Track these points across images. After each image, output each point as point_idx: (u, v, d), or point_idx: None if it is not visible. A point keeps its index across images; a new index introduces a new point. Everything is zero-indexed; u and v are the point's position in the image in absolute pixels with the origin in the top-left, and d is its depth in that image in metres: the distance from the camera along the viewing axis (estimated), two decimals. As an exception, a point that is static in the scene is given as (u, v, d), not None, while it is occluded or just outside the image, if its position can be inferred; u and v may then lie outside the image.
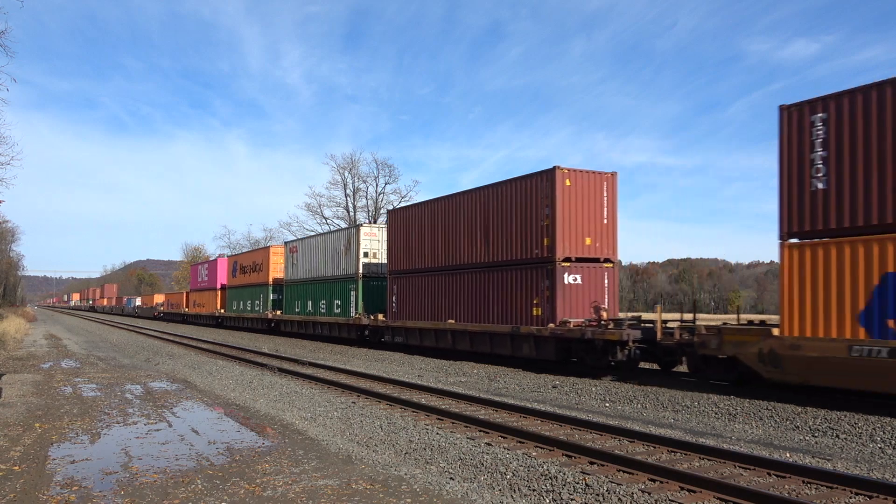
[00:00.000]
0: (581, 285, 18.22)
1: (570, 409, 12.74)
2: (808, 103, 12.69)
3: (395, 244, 25.67)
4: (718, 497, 6.85)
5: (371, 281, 28.40)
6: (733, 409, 12.11)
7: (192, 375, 17.75)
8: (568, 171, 18.23)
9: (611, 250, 18.81)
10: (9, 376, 16.60)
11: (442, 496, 6.73)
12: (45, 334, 39.38)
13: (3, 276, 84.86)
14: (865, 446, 9.59)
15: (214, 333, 40.02)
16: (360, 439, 9.73)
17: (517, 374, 17.88)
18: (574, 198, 18.22)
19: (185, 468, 7.69)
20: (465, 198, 21.66)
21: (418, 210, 24.57)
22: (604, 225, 18.71)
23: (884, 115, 11.66)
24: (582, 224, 18.37)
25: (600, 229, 18.66)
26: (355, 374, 17.90)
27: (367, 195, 65.04)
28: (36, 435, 9.56)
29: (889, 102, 11.60)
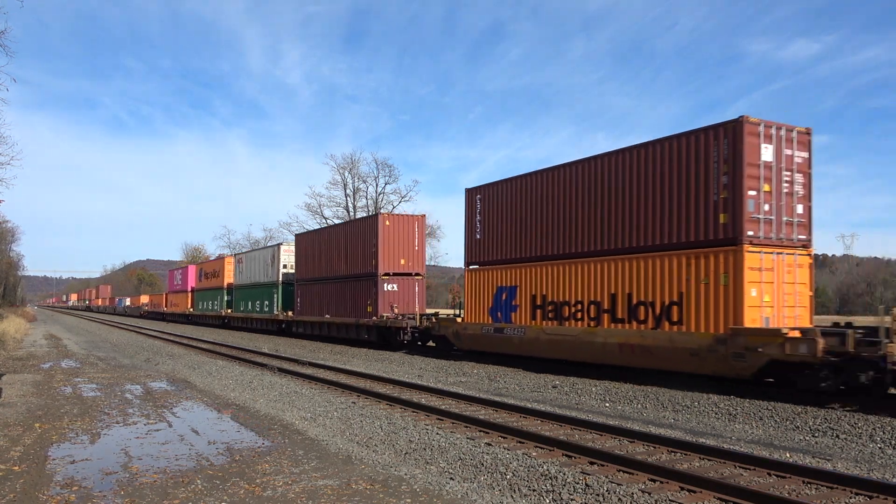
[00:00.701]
0: (397, 291, 27.59)
1: (570, 409, 12.73)
2: (475, 189, 22.03)
3: (299, 260, 35.01)
4: (718, 497, 6.85)
5: (288, 286, 36.50)
6: (733, 409, 12.11)
7: (191, 375, 17.75)
8: (388, 216, 28.52)
9: (420, 267, 28.48)
10: (9, 376, 16.60)
11: (442, 496, 6.73)
12: (45, 334, 39.38)
13: (3, 276, 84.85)
14: (865, 446, 9.59)
15: (214, 334, 40.06)
16: (360, 439, 9.72)
17: (517, 373, 17.88)
18: (393, 233, 27.72)
19: (184, 468, 7.69)
20: (334, 230, 32.57)
21: (312, 235, 35.02)
22: (415, 251, 28.32)
23: (501, 200, 20.79)
24: (398, 250, 27.77)
25: (412, 254, 28.24)
26: (355, 374, 17.90)
27: (367, 195, 65.20)
28: (36, 435, 9.56)
29: (503, 191, 20.69)
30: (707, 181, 14.45)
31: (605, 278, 16.82)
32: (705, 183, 14.49)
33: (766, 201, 14.09)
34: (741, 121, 13.89)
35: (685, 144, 15.04)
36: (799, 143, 14.62)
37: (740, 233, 13.72)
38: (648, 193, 15.83)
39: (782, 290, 14.23)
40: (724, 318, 13.82)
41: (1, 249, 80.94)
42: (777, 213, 14.21)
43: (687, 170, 14.94)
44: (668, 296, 15.17)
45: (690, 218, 14.83)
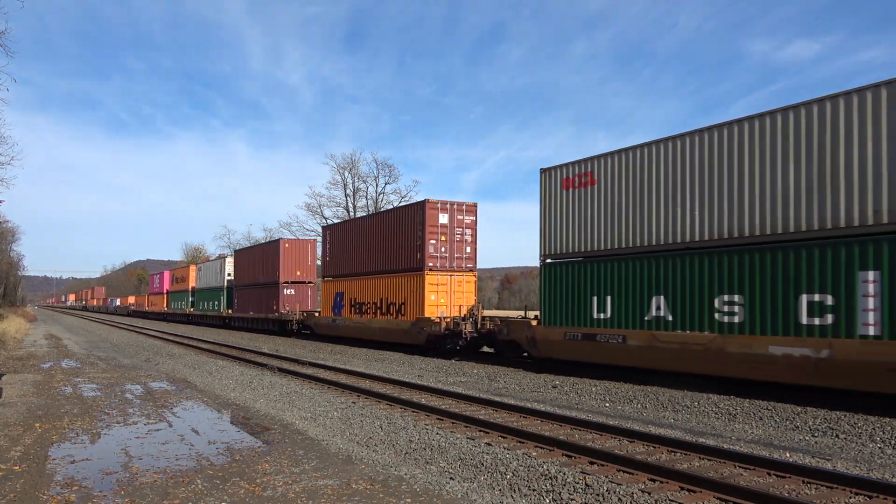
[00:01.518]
0: (294, 294, 37.66)
1: (570, 409, 12.74)
2: (326, 227, 32.37)
3: (236, 270, 45.22)
4: (718, 497, 6.86)
5: (230, 290, 46.47)
6: (733, 409, 12.12)
7: (192, 375, 17.75)
8: (287, 241, 38.29)
9: (312, 277, 38.42)
10: (9, 376, 16.60)
11: (442, 496, 6.73)
12: (46, 334, 39.38)
13: (4, 276, 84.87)
14: (865, 446, 9.59)
15: (214, 334, 40.12)
16: (360, 439, 9.73)
17: (517, 373, 17.88)
18: (291, 254, 37.89)
19: (185, 468, 7.70)
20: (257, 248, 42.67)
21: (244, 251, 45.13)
22: (308, 265, 38.32)
23: (337, 236, 31.76)
24: (295, 264, 37.95)
25: (305, 267, 38.34)
26: (355, 374, 17.91)
27: (367, 195, 65.26)
28: (36, 435, 9.56)
29: (338, 230, 31.60)
30: (413, 235, 25.03)
31: (378, 288, 27.25)
32: (412, 236, 25.01)
33: (443, 245, 24.58)
34: (425, 201, 24.52)
35: (399, 215, 26.53)
36: (467, 212, 25.20)
37: (423, 264, 24.30)
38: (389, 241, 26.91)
39: (455, 295, 24.80)
40: (418, 312, 24.21)
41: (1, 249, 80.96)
42: (450, 252, 24.76)
43: (399, 230, 26.10)
44: (399, 299, 25.54)
45: (407, 255, 25.41)
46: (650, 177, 15.84)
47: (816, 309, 12.24)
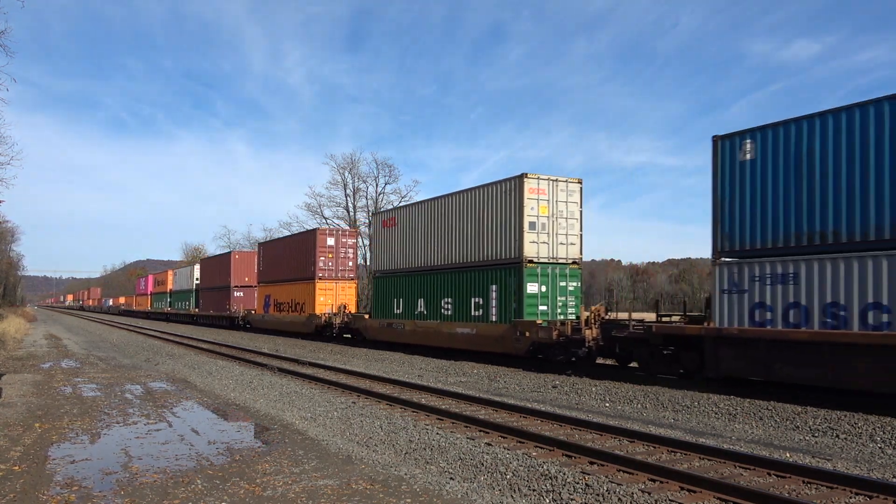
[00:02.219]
0: (242, 296, 45.03)
1: (570, 409, 12.74)
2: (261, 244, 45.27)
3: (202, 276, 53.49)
4: (718, 497, 6.85)
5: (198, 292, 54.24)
6: (733, 409, 12.12)
7: (191, 375, 17.75)
8: (238, 252, 46.91)
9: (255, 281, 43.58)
10: (9, 376, 16.60)
11: (442, 496, 6.73)
12: (45, 334, 39.37)
13: (3, 276, 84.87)
14: (865, 446, 9.59)
15: (214, 334, 40.11)
16: (360, 439, 9.72)
17: (517, 373, 17.89)
18: (241, 263, 45.63)
19: (185, 468, 7.69)
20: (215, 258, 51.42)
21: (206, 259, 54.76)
22: (254, 272, 43.80)
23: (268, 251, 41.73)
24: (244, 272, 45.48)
25: (252, 274, 44.51)
26: (355, 374, 17.90)
27: (367, 195, 65.24)
28: (36, 435, 9.56)
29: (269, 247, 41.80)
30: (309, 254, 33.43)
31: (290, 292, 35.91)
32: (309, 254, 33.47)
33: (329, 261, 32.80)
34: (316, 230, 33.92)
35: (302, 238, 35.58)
36: (350, 236, 34.37)
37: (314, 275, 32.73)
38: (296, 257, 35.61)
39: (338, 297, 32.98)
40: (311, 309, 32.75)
41: (1, 249, 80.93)
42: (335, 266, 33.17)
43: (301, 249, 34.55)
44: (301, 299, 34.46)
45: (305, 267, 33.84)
46: (415, 224, 24.90)
47: (476, 306, 21.28)
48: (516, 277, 19.51)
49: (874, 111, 12.24)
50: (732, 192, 14.31)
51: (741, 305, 13.85)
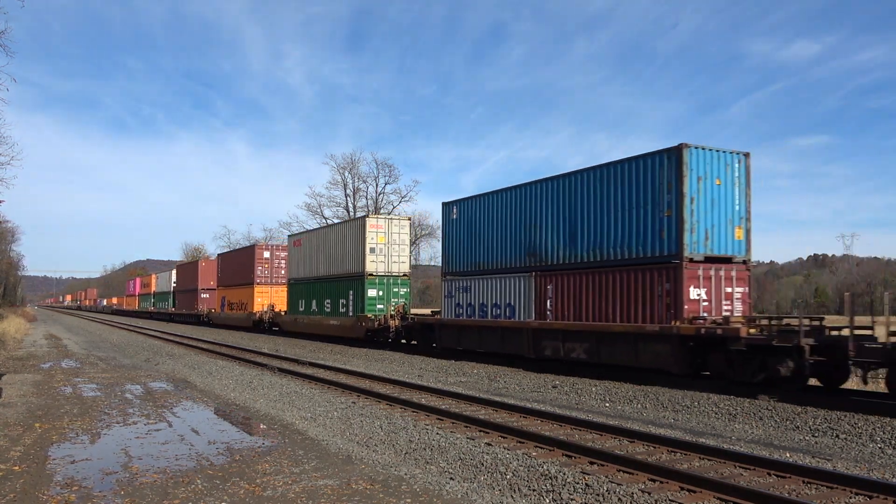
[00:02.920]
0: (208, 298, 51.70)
1: (570, 409, 12.74)
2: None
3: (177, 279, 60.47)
4: (718, 497, 6.85)
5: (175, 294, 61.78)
6: (733, 409, 12.12)
7: (191, 375, 17.75)
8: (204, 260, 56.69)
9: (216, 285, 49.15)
10: (9, 376, 16.60)
11: (442, 496, 6.73)
12: (45, 334, 39.38)
13: (3, 276, 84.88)
14: (865, 446, 9.59)
15: (214, 333, 40.12)
16: (360, 439, 9.73)
17: (517, 373, 17.89)
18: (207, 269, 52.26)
19: (185, 468, 7.70)
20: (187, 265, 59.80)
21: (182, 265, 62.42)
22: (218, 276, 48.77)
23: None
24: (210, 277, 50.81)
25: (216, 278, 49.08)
26: (355, 374, 17.91)
27: (367, 195, 65.44)
28: (36, 435, 9.56)
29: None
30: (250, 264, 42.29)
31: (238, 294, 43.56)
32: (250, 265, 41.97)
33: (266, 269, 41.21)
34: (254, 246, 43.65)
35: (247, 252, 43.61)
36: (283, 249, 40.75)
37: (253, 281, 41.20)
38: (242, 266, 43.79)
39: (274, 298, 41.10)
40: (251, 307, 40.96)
41: (1, 249, 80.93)
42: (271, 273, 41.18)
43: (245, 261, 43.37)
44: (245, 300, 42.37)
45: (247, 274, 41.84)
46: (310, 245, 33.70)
47: (342, 305, 29.43)
48: (361, 286, 28.02)
49: (503, 196, 20.71)
50: (448, 237, 23.43)
51: (450, 305, 23.03)
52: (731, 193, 15.67)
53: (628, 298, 15.90)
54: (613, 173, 16.67)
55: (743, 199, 15.84)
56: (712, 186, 15.34)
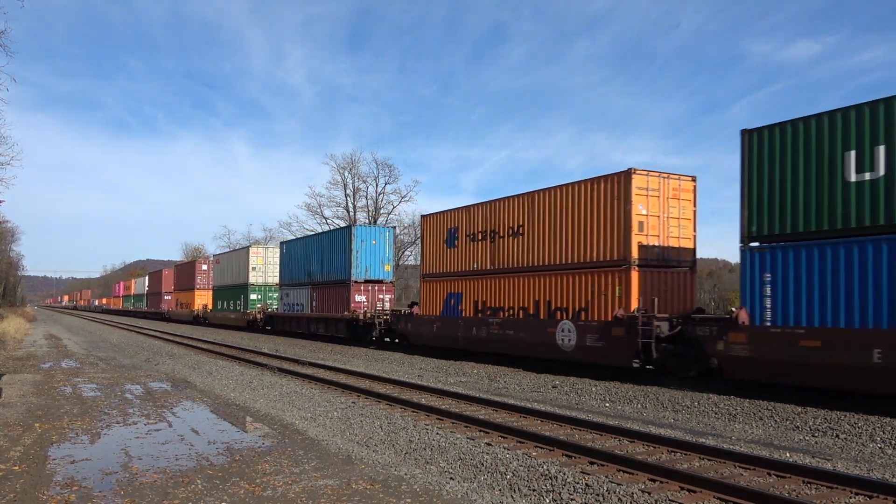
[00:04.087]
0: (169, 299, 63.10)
1: (570, 409, 12.74)
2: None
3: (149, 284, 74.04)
4: (718, 497, 6.85)
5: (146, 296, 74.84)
6: (733, 409, 12.12)
7: (191, 375, 17.75)
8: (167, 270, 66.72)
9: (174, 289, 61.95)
10: (9, 376, 16.60)
11: (442, 496, 6.73)
12: (45, 334, 39.38)
13: (3, 276, 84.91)
14: (865, 446, 9.59)
15: (213, 333, 40.13)
16: (360, 439, 9.72)
17: (517, 374, 17.89)
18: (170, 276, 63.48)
19: (185, 468, 7.69)
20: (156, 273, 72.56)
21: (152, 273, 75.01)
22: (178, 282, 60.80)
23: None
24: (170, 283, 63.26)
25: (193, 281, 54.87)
26: (355, 374, 17.91)
27: (367, 195, 65.41)
28: (36, 435, 9.56)
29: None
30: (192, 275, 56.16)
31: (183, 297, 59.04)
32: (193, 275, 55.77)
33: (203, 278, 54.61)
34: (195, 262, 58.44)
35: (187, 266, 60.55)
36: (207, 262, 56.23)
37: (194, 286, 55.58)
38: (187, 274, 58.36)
39: None
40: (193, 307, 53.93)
41: (1, 249, 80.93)
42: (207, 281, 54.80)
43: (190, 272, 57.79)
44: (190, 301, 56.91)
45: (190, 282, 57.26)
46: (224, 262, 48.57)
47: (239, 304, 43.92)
48: (246, 291, 42.68)
49: (295, 244, 38.15)
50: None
51: (285, 303, 37.33)
52: (382, 247, 31.59)
53: (331, 300, 32.09)
54: (329, 239, 33.52)
55: (390, 250, 32.08)
56: (370, 245, 31.15)
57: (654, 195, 16.84)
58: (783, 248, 12.87)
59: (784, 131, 13.11)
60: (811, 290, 12.31)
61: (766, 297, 13.00)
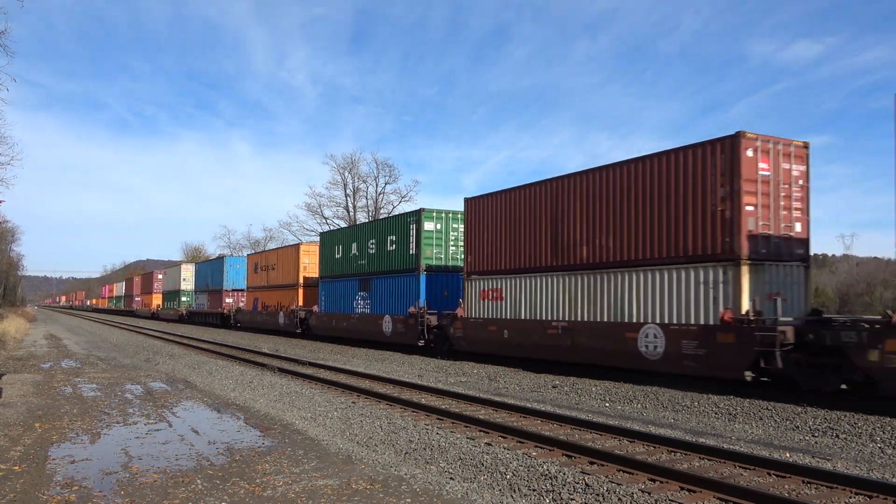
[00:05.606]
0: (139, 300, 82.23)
1: (570, 409, 12.74)
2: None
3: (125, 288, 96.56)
4: (718, 497, 6.86)
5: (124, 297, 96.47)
6: (733, 409, 12.12)
7: (191, 375, 17.75)
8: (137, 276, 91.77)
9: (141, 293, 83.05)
10: (9, 376, 16.60)
11: (442, 496, 6.73)
12: (46, 334, 39.38)
13: (3, 276, 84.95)
14: (865, 446, 9.59)
15: (214, 333, 40.12)
16: (360, 439, 9.73)
17: (517, 374, 17.89)
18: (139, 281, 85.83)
19: (185, 468, 7.70)
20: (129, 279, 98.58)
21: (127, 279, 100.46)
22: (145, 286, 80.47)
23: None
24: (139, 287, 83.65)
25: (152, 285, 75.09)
26: (355, 374, 17.91)
27: (367, 195, 65.53)
28: (36, 435, 9.56)
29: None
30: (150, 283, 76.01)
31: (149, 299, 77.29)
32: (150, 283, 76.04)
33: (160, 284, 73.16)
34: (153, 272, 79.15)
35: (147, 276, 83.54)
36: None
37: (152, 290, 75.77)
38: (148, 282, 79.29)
39: None
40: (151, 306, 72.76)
41: (1, 249, 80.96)
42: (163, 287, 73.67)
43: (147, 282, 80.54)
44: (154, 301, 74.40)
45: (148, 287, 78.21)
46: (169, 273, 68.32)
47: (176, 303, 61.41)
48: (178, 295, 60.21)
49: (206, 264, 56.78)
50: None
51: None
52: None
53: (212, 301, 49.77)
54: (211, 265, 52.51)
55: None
56: None
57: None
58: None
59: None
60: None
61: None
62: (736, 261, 13.62)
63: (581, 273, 17.19)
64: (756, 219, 13.80)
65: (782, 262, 14.21)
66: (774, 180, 14.09)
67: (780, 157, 14.25)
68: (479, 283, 20.97)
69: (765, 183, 13.94)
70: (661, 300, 15.05)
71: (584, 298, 17.08)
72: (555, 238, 18.09)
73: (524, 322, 18.86)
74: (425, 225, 24.57)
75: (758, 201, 13.83)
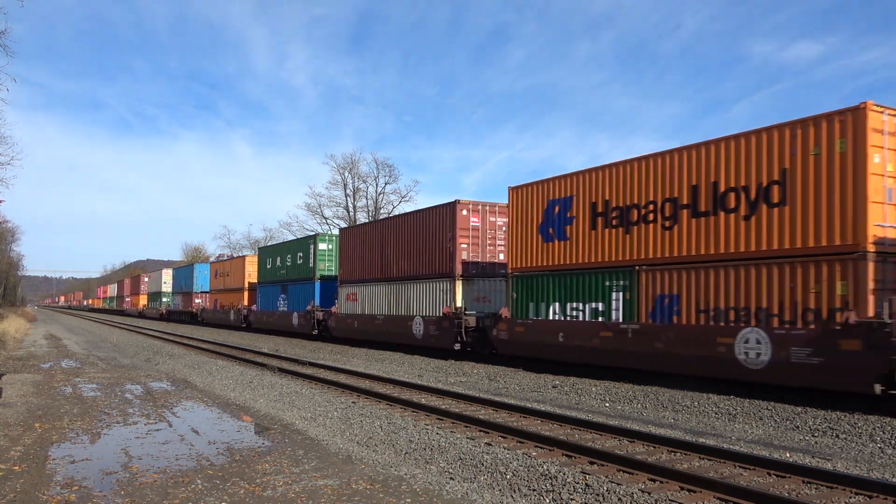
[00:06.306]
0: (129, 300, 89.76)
1: (570, 409, 12.74)
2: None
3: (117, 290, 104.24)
4: (718, 497, 6.86)
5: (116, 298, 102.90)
6: (733, 409, 12.12)
7: (192, 375, 17.75)
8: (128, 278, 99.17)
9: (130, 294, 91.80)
10: (9, 376, 16.60)
11: (442, 496, 6.73)
12: (46, 334, 39.38)
13: (3, 276, 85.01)
14: (865, 446, 9.59)
15: (214, 333, 40.14)
16: (360, 439, 9.73)
17: (517, 373, 17.89)
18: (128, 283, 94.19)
19: (185, 468, 7.70)
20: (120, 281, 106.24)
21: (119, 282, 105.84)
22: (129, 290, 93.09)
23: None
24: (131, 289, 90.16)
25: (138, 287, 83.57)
26: (355, 374, 17.91)
27: (367, 195, 65.58)
28: (36, 435, 9.56)
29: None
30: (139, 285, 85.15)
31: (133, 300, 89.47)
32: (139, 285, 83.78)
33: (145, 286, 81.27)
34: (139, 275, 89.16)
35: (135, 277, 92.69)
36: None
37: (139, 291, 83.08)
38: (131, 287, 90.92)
39: None
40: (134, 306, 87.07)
41: (1, 249, 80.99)
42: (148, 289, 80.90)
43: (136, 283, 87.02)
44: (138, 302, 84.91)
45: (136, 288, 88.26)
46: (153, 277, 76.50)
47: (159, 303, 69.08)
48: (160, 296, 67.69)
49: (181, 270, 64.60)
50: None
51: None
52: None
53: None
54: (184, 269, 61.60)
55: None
56: None
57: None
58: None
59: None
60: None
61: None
62: (454, 277, 22.22)
63: (392, 283, 26.07)
64: (468, 251, 22.32)
65: (487, 277, 22.81)
66: (483, 228, 22.71)
67: (488, 213, 22.93)
68: (346, 288, 29.53)
69: (475, 230, 22.54)
70: (423, 300, 23.74)
71: (390, 299, 26.18)
72: (381, 259, 26.90)
73: (368, 315, 27.70)
74: (320, 245, 33.15)
75: (469, 241, 22.38)
